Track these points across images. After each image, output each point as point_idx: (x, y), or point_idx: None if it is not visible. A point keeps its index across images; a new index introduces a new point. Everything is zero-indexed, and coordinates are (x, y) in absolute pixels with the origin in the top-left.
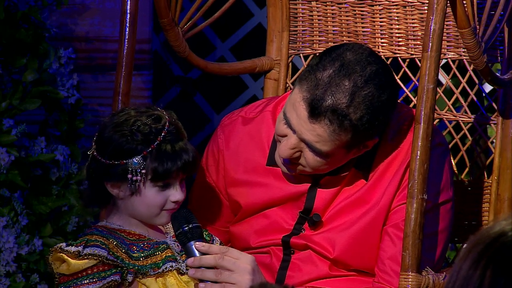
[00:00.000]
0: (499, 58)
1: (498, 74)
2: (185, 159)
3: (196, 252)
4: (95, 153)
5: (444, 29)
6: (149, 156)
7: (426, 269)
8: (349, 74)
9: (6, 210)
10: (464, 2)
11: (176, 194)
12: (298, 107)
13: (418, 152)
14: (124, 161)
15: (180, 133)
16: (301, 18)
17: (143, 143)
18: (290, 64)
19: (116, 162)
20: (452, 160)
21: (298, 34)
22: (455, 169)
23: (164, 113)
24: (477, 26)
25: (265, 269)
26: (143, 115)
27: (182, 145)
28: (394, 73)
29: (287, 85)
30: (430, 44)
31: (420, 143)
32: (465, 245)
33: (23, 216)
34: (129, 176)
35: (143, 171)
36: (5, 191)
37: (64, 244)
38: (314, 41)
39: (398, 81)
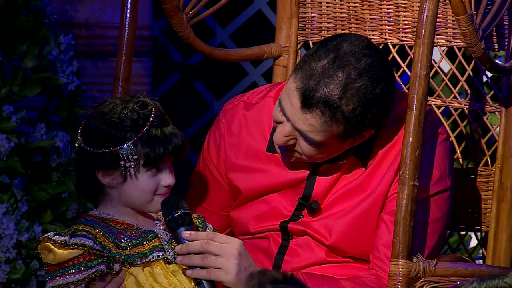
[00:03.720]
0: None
1: (498, 62)
2: (175, 143)
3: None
4: (82, 144)
5: (450, 16)
6: (139, 142)
7: (417, 255)
8: (343, 65)
9: (6, 197)
10: None
11: (167, 178)
12: (292, 96)
13: (410, 138)
14: (115, 148)
15: (166, 119)
16: (310, 5)
17: (133, 129)
18: (299, 51)
19: (106, 150)
20: (457, 148)
21: (307, 21)
22: (459, 157)
23: (149, 99)
24: (474, 13)
25: (263, 254)
26: (129, 102)
27: (170, 129)
28: (391, 67)
29: None
30: (423, 31)
31: (412, 130)
32: None
33: (23, 203)
34: (122, 162)
35: (135, 157)
36: (5, 177)
37: (52, 233)
38: (323, 27)
39: (404, 67)
